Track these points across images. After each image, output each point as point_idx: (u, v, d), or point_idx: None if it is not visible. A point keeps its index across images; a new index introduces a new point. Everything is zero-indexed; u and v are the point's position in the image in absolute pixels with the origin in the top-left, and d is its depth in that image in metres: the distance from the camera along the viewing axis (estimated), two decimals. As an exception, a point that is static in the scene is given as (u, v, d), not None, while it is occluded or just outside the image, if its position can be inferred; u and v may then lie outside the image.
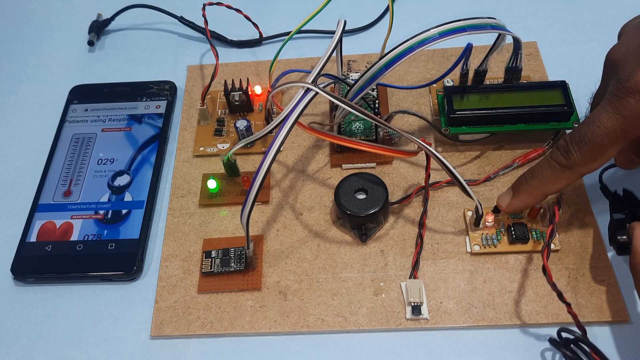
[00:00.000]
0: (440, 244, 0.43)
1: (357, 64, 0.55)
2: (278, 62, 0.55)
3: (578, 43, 0.54)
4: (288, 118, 0.38)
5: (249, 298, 0.42)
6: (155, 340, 0.41)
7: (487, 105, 0.46)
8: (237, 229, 0.45)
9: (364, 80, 0.42)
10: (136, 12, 0.60)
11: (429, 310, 0.40)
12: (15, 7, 0.65)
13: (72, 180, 0.49)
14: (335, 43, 0.42)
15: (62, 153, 0.50)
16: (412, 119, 0.50)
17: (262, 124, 0.51)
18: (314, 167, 0.48)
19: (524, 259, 0.42)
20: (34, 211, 0.47)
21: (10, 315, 0.43)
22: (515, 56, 0.46)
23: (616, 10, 0.57)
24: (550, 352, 0.38)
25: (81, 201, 0.47)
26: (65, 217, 0.47)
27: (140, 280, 0.44)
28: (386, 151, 0.41)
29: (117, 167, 0.49)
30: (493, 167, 0.47)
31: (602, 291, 0.40)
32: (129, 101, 0.54)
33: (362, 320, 0.40)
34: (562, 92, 0.46)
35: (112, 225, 0.46)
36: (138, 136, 0.51)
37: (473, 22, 0.40)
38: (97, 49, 0.60)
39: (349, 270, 0.42)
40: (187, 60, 0.58)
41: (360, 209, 0.43)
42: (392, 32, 0.47)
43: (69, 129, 0.52)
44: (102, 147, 0.51)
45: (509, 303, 0.40)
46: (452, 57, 0.54)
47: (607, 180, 0.45)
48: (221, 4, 0.54)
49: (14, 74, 0.59)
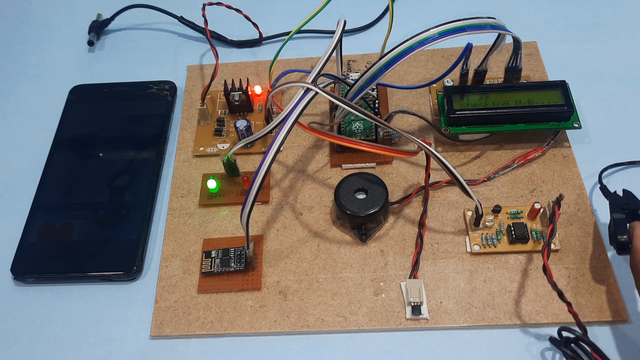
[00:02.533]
0: (440, 244, 0.43)
1: (357, 64, 0.55)
2: (278, 62, 0.55)
3: (578, 43, 0.54)
4: (288, 118, 0.38)
5: (249, 298, 0.42)
6: (155, 340, 0.41)
7: (487, 105, 0.46)
8: (237, 229, 0.45)
9: (363, 80, 0.42)
10: (136, 12, 0.60)
11: (429, 310, 0.40)
12: (15, 7, 0.65)
13: (72, 181, 0.49)
14: (335, 43, 0.42)
15: (62, 153, 0.51)
16: (412, 119, 0.50)
17: (262, 124, 0.51)
18: (314, 167, 0.48)
19: (524, 258, 0.42)
20: (34, 211, 0.47)
21: (10, 315, 0.43)
22: (515, 56, 0.46)
23: (616, 10, 0.57)
24: (551, 352, 0.38)
25: (81, 201, 0.47)
26: (66, 217, 0.47)
27: (140, 280, 0.44)
28: (386, 151, 0.41)
29: (117, 168, 0.49)
30: (493, 167, 0.47)
31: (602, 291, 0.40)
32: (129, 101, 0.54)
33: (362, 320, 0.40)
34: (562, 92, 0.46)
35: (112, 226, 0.46)
36: (138, 136, 0.51)
37: (473, 22, 0.40)
38: (97, 49, 0.60)
39: (349, 270, 0.42)
40: (187, 60, 0.58)
41: (360, 209, 0.43)
42: (392, 32, 0.47)
43: (69, 130, 0.52)
44: (102, 147, 0.51)
45: (509, 303, 0.40)
46: (452, 57, 0.54)
47: (607, 180, 0.45)
48: (221, 4, 0.54)
49: (14, 74, 0.59)
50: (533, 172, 0.46)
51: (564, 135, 0.48)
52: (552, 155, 0.47)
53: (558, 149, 0.47)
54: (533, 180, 0.46)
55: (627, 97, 0.50)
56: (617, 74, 0.52)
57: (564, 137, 0.48)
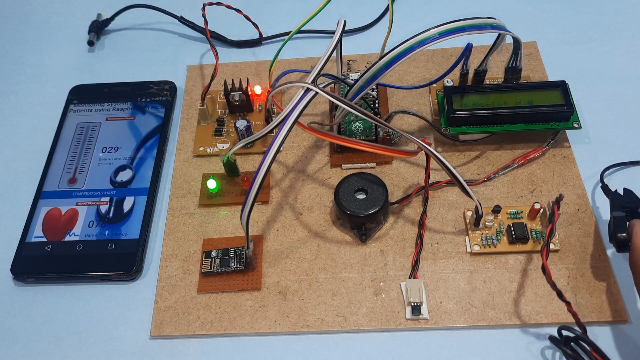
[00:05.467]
0: (440, 244, 0.43)
1: (357, 64, 0.55)
2: (278, 62, 0.55)
3: (578, 43, 0.54)
4: (288, 118, 0.38)
5: (248, 298, 0.42)
6: (155, 340, 0.41)
7: (487, 105, 0.46)
8: (237, 229, 0.45)
9: (363, 80, 0.42)
10: (136, 12, 0.60)
11: (429, 310, 0.40)
12: (15, 7, 0.65)
13: (72, 181, 0.49)
14: (335, 43, 0.42)
15: (62, 153, 0.50)
16: (412, 119, 0.50)
17: (262, 124, 0.51)
18: (314, 167, 0.48)
19: (524, 259, 0.42)
20: (33, 211, 0.47)
21: (10, 315, 0.43)
22: (515, 56, 0.46)
23: (616, 10, 0.57)
24: (550, 352, 0.38)
25: (81, 201, 0.47)
26: (66, 217, 0.47)
27: (140, 280, 0.44)
28: (386, 151, 0.41)
29: (117, 165, 0.49)
30: (493, 167, 0.47)
31: (602, 291, 0.40)
32: (128, 101, 0.54)
33: (362, 320, 0.40)
34: (562, 92, 0.46)
35: (112, 225, 0.46)
36: (137, 136, 0.51)
37: (473, 22, 0.40)
38: (97, 49, 0.60)
39: (348, 270, 0.42)
40: (187, 60, 0.58)
41: (360, 209, 0.43)
42: (392, 32, 0.47)
43: (69, 129, 0.52)
44: (101, 147, 0.51)
45: (509, 303, 0.40)
46: (452, 57, 0.54)
47: (607, 179, 0.45)
48: (221, 4, 0.54)
49: (14, 74, 0.59)
50: (533, 172, 0.46)
51: (563, 135, 0.48)
52: (552, 156, 0.47)
53: (558, 149, 0.47)
54: (533, 181, 0.46)
55: (627, 97, 0.50)
56: (617, 74, 0.52)
57: (564, 137, 0.48)
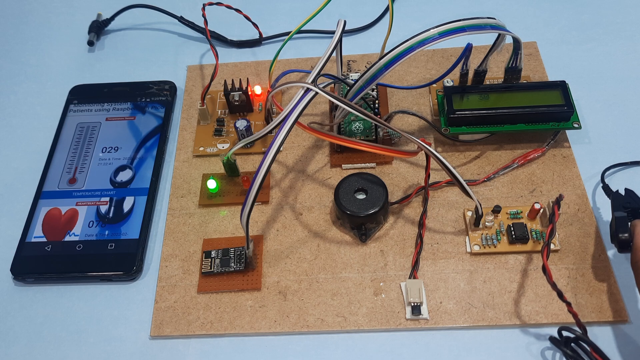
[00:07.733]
0: (440, 244, 0.43)
1: (357, 64, 0.55)
2: (278, 62, 0.55)
3: (578, 43, 0.54)
4: (288, 118, 0.38)
5: (248, 298, 0.42)
6: (155, 340, 0.41)
7: (487, 105, 0.46)
8: (236, 229, 0.45)
9: (363, 80, 0.42)
10: (136, 12, 0.60)
11: (429, 310, 0.40)
12: (15, 7, 0.65)
13: (72, 181, 0.49)
14: (335, 43, 0.42)
15: (62, 153, 0.50)
16: (412, 119, 0.50)
17: (262, 124, 0.51)
18: (314, 167, 0.48)
19: (524, 259, 0.42)
20: (33, 211, 0.47)
21: (10, 315, 0.43)
22: (515, 56, 0.46)
23: (616, 10, 0.57)
24: (550, 352, 0.38)
25: (81, 201, 0.47)
26: (66, 217, 0.47)
27: (140, 281, 0.44)
28: (386, 151, 0.41)
29: (117, 165, 0.49)
30: (493, 167, 0.47)
31: (602, 291, 0.40)
32: (128, 101, 0.54)
33: (362, 320, 0.40)
34: (561, 92, 0.46)
35: (112, 225, 0.46)
36: (137, 136, 0.51)
37: (473, 22, 0.40)
38: (97, 49, 0.60)
39: (348, 270, 0.42)
40: (187, 60, 0.58)
41: (360, 209, 0.43)
42: (392, 32, 0.47)
43: (69, 129, 0.52)
44: (101, 147, 0.51)
45: (509, 303, 0.40)
46: (452, 57, 0.54)
47: (608, 180, 0.45)
48: (221, 4, 0.54)
49: (14, 74, 0.59)
50: (533, 173, 0.46)
51: (563, 135, 0.48)
52: (552, 156, 0.47)
53: (558, 149, 0.47)
54: (533, 181, 0.46)
55: (627, 97, 0.50)
56: (617, 74, 0.52)
57: (564, 137, 0.48)
